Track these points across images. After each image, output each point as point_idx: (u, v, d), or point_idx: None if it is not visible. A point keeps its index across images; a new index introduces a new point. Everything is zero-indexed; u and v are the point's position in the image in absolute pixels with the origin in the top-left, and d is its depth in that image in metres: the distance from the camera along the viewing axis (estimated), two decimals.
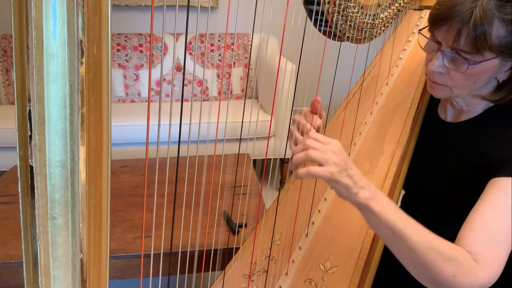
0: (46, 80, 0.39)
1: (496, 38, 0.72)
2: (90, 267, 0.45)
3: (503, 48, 0.73)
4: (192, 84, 2.84)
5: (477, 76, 0.77)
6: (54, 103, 0.39)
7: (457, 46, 0.75)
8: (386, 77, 1.11)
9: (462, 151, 0.87)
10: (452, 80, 0.80)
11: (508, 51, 0.74)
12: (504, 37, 0.72)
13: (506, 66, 0.77)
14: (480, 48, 0.73)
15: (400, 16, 1.04)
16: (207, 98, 2.87)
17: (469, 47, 0.74)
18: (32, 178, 0.41)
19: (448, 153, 0.91)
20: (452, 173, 0.85)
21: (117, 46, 2.79)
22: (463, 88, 0.81)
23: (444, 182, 0.82)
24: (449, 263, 0.65)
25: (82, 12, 0.39)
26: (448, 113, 0.94)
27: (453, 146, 0.90)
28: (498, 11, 0.71)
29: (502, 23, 0.72)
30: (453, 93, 0.83)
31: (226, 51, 2.89)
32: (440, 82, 0.82)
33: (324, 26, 0.85)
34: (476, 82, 0.79)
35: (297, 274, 0.80)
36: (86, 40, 0.40)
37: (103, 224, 0.46)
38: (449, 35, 0.76)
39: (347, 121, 1.02)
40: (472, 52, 0.74)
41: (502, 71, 0.78)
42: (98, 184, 0.44)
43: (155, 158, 0.53)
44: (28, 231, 0.43)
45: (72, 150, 0.41)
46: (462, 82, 0.79)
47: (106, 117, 0.43)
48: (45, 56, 0.38)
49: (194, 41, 2.84)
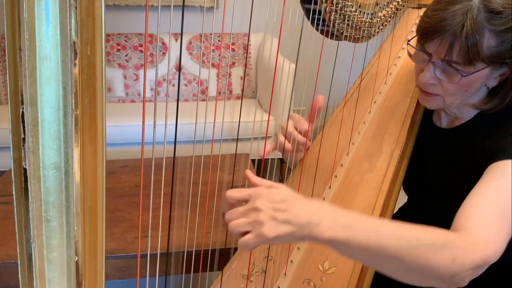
0: (39, 82, 0.38)
1: (487, 49, 0.73)
2: (86, 269, 0.45)
3: (494, 58, 0.74)
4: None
5: (469, 85, 0.78)
6: (47, 105, 0.39)
7: (449, 58, 0.76)
8: (384, 76, 1.11)
9: (459, 155, 0.88)
10: (444, 90, 0.81)
11: (498, 60, 0.75)
12: (495, 47, 0.73)
13: (496, 74, 0.79)
14: (472, 60, 0.74)
15: (398, 14, 1.04)
16: (207, 98, 2.87)
17: (461, 59, 0.75)
18: (26, 181, 0.41)
19: (446, 158, 0.91)
20: (452, 177, 0.86)
21: (117, 46, 2.79)
22: (455, 97, 0.82)
23: (444, 187, 0.83)
24: (443, 250, 0.58)
25: (75, 13, 0.38)
26: (443, 120, 0.95)
27: (450, 151, 0.91)
28: (488, 23, 0.72)
29: (492, 34, 0.73)
30: (446, 102, 0.84)
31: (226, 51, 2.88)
32: (433, 92, 0.83)
33: (321, 25, 0.84)
34: (468, 91, 0.80)
35: (295, 274, 0.79)
36: (79, 42, 0.39)
37: (99, 226, 0.45)
38: (441, 48, 0.76)
39: (346, 120, 1.02)
40: (464, 63, 0.75)
41: (491, 78, 0.79)
42: (93, 186, 0.44)
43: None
44: (23, 233, 0.43)
45: (66, 152, 0.41)
46: (454, 91, 0.80)
47: (101, 118, 0.43)
48: (37, 57, 0.38)
49: (194, 41, 2.84)
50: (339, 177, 0.92)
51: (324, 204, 0.59)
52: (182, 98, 2.84)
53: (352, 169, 0.93)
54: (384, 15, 0.98)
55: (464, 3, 0.73)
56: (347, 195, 0.89)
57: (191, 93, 2.86)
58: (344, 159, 0.96)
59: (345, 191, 0.90)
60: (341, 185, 0.91)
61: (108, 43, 2.76)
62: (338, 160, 0.96)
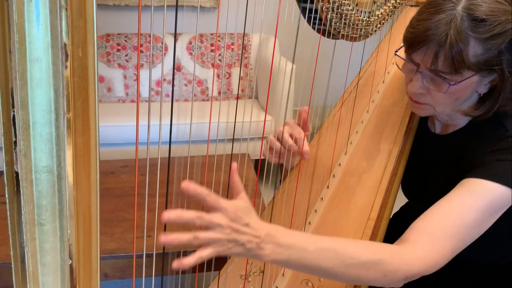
0: (30, 84, 0.38)
1: (473, 57, 0.73)
2: (80, 273, 0.44)
3: (481, 65, 0.74)
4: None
5: (458, 93, 0.78)
6: (38, 108, 0.39)
7: (435, 68, 0.76)
8: (382, 75, 1.10)
9: (453, 162, 0.88)
10: (434, 99, 0.81)
11: (486, 68, 0.74)
12: (482, 55, 0.73)
13: (486, 80, 0.78)
14: (458, 69, 0.73)
15: (396, 12, 1.03)
16: (207, 98, 2.87)
17: (447, 68, 0.74)
18: (18, 184, 0.40)
19: (440, 164, 0.92)
20: (447, 183, 0.85)
21: (117, 46, 2.79)
22: (445, 106, 0.82)
23: (440, 192, 0.83)
24: (375, 268, 0.65)
25: (66, 15, 0.38)
26: (437, 126, 0.95)
27: (444, 158, 0.91)
28: (472, 31, 0.72)
29: (477, 42, 0.72)
30: (436, 111, 0.84)
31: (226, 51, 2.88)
32: (423, 101, 0.83)
33: (318, 24, 0.84)
34: (458, 99, 0.80)
35: (294, 274, 0.79)
36: (70, 44, 0.39)
37: (93, 230, 0.45)
38: (426, 58, 0.76)
39: (343, 120, 1.02)
40: (451, 72, 0.75)
41: (482, 84, 0.79)
42: (87, 189, 0.44)
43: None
44: (16, 237, 0.43)
45: (59, 155, 0.40)
46: (444, 100, 0.80)
47: (94, 120, 0.43)
48: (28, 60, 0.37)
49: (194, 41, 2.84)
50: (337, 177, 0.92)
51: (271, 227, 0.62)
52: (182, 98, 2.84)
53: (350, 168, 0.93)
54: (381, 13, 0.97)
55: (448, 12, 0.73)
56: (345, 195, 0.88)
57: (191, 93, 2.85)
58: (342, 159, 0.96)
59: (343, 190, 0.89)
60: (339, 184, 0.90)
61: (108, 43, 2.76)
62: (336, 160, 0.95)
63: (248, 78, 2.91)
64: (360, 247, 0.67)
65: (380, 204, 0.84)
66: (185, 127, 0.65)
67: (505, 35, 0.72)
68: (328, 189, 0.91)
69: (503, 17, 0.72)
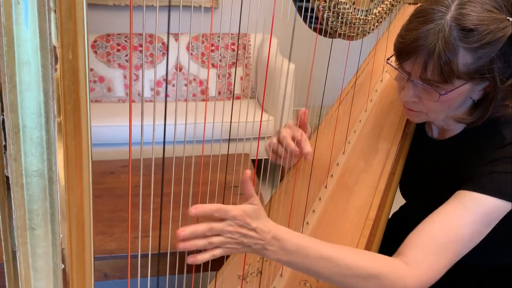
0: (19, 88, 0.38)
1: (463, 66, 0.72)
2: (73, 277, 0.44)
3: (472, 74, 0.73)
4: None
5: (450, 101, 0.78)
6: (28, 112, 0.38)
7: (425, 77, 0.75)
8: (380, 73, 1.09)
9: (448, 168, 0.88)
10: (426, 107, 0.81)
11: (478, 76, 0.74)
12: (472, 64, 0.72)
13: (479, 88, 0.78)
14: (447, 78, 0.73)
15: (394, 11, 1.03)
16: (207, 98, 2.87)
17: (437, 77, 0.74)
18: (9, 189, 0.40)
19: (438, 169, 0.91)
20: (444, 188, 0.85)
21: (117, 46, 2.78)
22: (438, 113, 0.82)
23: (438, 196, 0.82)
24: (374, 280, 0.67)
25: (55, 17, 0.38)
26: (434, 131, 0.95)
27: (441, 163, 0.91)
28: (461, 41, 0.71)
29: (467, 51, 0.71)
30: (430, 118, 0.84)
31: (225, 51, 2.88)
32: (415, 109, 0.83)
33: (314, 23, 0.83)
34: (450, 106, 0.80)
35: (292, 275, 0.79)
36: (60, 46, 0.39)
37: (86, 233, 0.45)
38: (416, 67, 0.76)
39: (341, 119, 1.01)
40: (441, 81, 0.74)
41: (475, 91, 0.78)
42: (79, 192, 0.43)
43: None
44: (8, 242, 0.42)
45: (49, 159, 0.40)
46: (436, 108, 0.80)
47: (85, 123, 0.42)
48: (17, 63, 0.37)
49: (194, 41, 2.83)
50: (335, 177, 0.92)
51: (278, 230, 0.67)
52: (182, 98, 2.84)
53: (348, 168, 0.92)
54: (379, 12, 0.97)
55: (437, 22, 0.72)
56: (343, 195, 0.88)
57: (191, 93, 2.85)
58: (340, 158, 0.95)
59: (341, 190, 0.89)
60: (337, 184, 0.90)
61: (108, 43, 2.75)
62: (334, 159, 0.95)
63: (249, 78, 2.90)
64: (360, 258, 0.69)
65: (378, 204, 0.84)
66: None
67: (495, 44, 0.71)
68: (326, 189, 0.91)
69: (492, 26, 0.71)
